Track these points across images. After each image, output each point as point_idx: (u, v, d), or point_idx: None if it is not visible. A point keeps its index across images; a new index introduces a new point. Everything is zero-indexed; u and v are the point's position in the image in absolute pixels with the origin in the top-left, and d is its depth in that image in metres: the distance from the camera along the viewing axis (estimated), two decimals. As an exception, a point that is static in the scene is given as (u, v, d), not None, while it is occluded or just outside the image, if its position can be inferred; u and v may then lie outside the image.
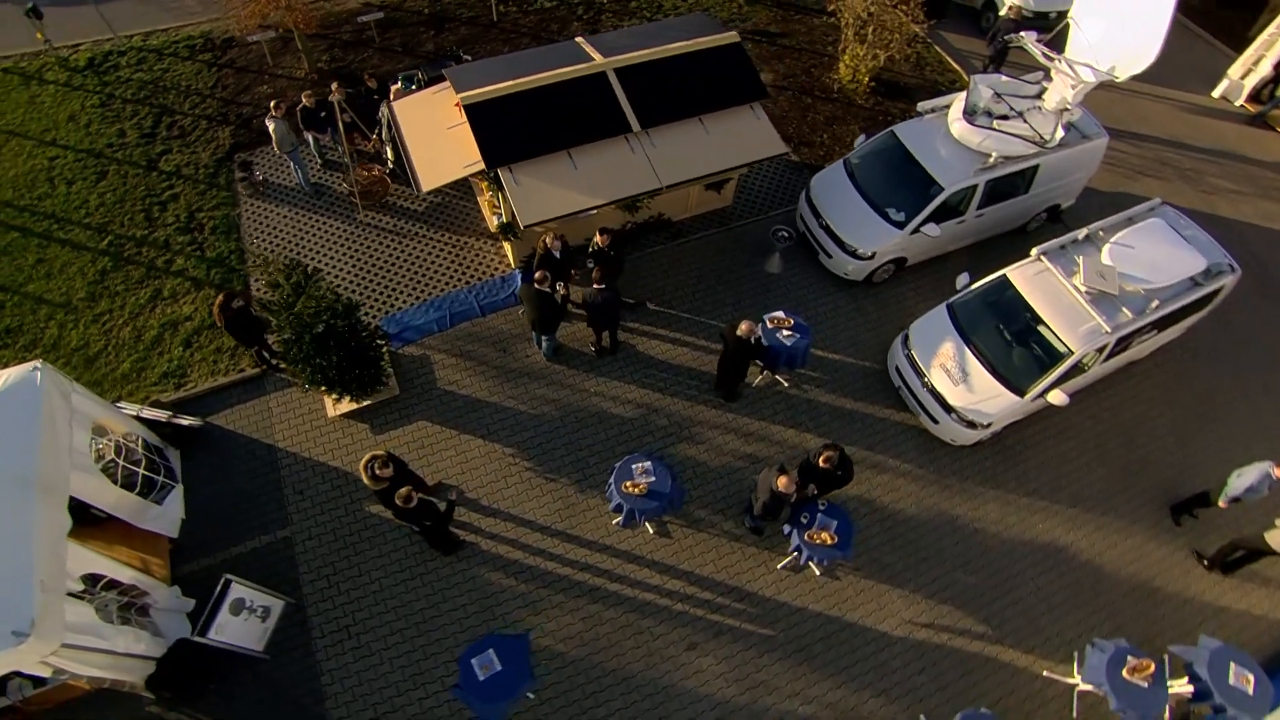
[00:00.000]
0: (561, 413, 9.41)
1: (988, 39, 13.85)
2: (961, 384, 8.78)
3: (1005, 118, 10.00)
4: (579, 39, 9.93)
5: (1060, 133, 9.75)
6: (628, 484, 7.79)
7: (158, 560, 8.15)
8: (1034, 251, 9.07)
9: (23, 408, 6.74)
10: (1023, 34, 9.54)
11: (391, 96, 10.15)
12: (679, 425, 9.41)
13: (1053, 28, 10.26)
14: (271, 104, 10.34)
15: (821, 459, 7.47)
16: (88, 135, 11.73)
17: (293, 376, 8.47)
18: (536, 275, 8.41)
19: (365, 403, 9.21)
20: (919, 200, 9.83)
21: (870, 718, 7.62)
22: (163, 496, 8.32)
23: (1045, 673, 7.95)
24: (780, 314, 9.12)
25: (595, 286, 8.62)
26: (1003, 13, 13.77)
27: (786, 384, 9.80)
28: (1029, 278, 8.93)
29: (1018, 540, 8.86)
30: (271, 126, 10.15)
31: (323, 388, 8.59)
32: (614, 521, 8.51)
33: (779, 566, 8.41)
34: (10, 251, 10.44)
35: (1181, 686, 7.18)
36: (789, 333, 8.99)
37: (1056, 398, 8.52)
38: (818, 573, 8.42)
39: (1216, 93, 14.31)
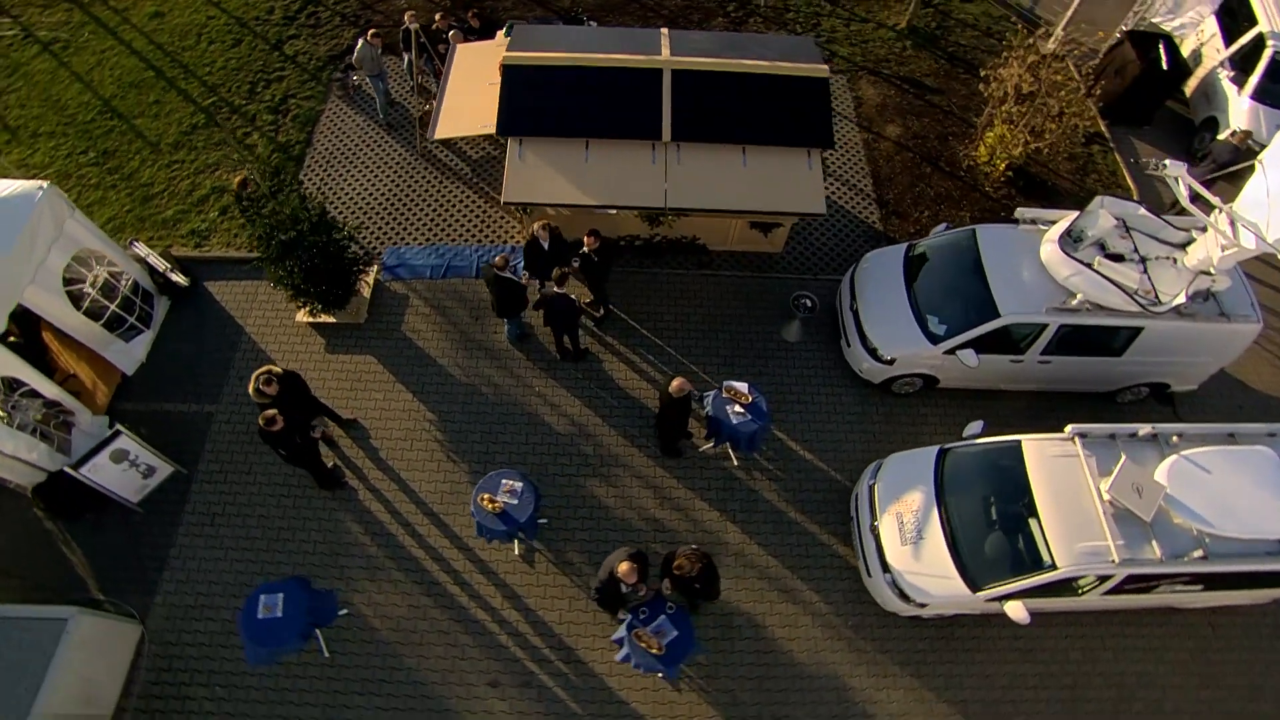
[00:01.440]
0: (497, 400, 9.04)
1: (1194, 164, 11.15)
2: (910, 545, 7.24)
3: (1119, 258, 7.96)
4: (663, 30, 9.20)
5: (1182, 299, 7.57)
6: (485, 496, 7.28)
7: (104, 388, 8.94)
8: (1069, 429, 7.18)
9: (10, 218, 7.53)
10: (1167, 162, 7.41)
11: (452, 42, 9.99)
12: (603, 460, 8.68)
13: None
14: (370, 31, 10.55)
15: (675, 562, 6.48)
16: (245, 5, 12.89)
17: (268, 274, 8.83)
18: (496, 260, 8.01)
19: (327, 319, 9.41)
20: (968, 318, 8.16)
21: None
22: (130, 336, 9.09)
23: None
24: (742, 387, 8.02)
25: (552, 286, 8.07)
26: (1222, 136, 10.96)
27: (736, 463, 8.69)
28: (1047, 457, 7.09)
29: (909, 749, 7.28)
30: (359, 45, 10.39)
31: (289, 292, 8.85)
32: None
33: (621, 648, 7.55)
34: (141, 86, 11.81)
35: None
36: (741, 411, 7.89)
37: (1015, 611, 6.76)
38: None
39: None
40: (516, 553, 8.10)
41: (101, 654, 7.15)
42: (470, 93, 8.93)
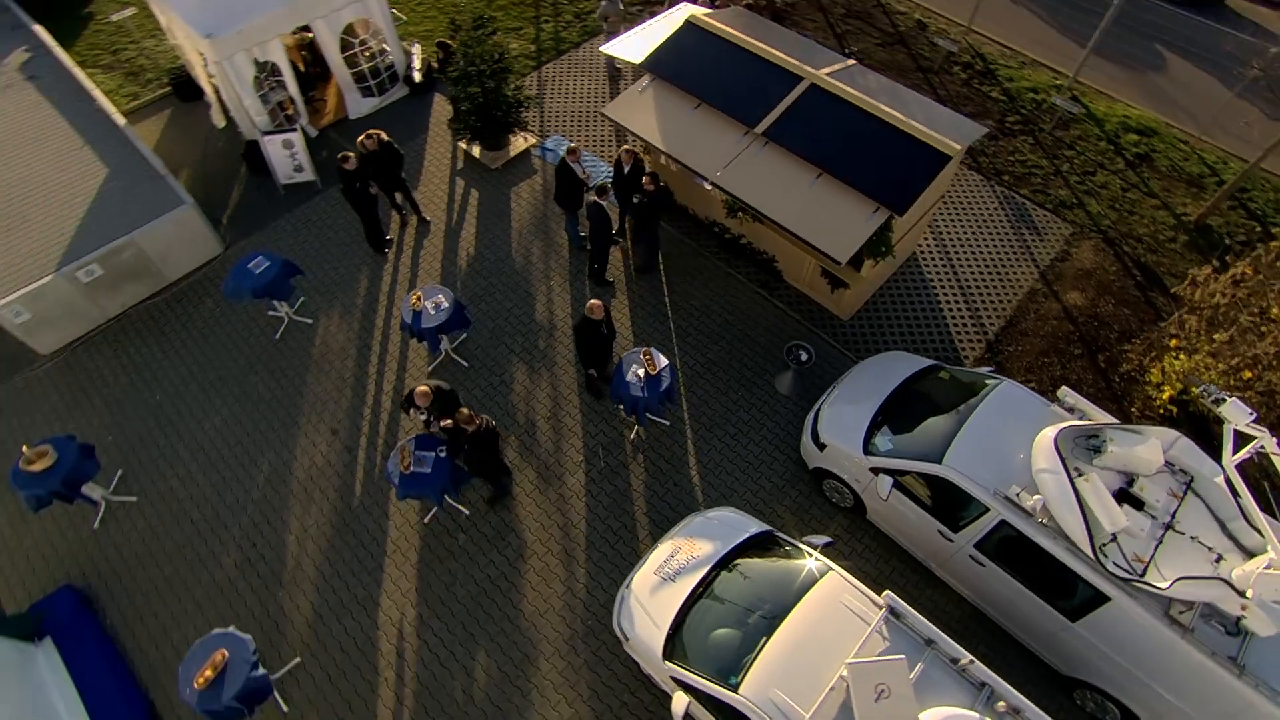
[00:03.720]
0: (520, 269, 10.13)
1: None
2: (658, 578, 6.54)
3: (1137, 503, 5.98)
4: (851, 61, 9.22)
5: (1164, 584, 5.41)
6: (416, 294, 8.47)
7: (331, 116, 12.18)
8: (885, 594, 5.75)
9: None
10: (1229, 399, 5.24)
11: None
12: (542, 359, 9.23)
13: None
14: None
15: (460, 408, 6.91)
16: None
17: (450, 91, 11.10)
18: (568, 146, 9.03)
19: (472, 151, 11.45)
20: (914, 449, 6.87)
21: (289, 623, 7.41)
22: (365, 95, 12.20)
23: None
24: (661, 360, 7.90)
25: (593, 195, 8.83)
26: None
27: (633, 436, 8.55)
28: (835, 603, 5.81)
29: (531, 756, 6.67)
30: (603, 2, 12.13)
31: (454, 113, 11.00)
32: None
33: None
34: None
35: None
36: (640, 376, 7.81)
37: (677, 702, 5.82)
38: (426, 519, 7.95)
39: None
40: (429, 365, 9.18)
41: (189, 242, 10.05)
42: (658, 35, 9.99)
